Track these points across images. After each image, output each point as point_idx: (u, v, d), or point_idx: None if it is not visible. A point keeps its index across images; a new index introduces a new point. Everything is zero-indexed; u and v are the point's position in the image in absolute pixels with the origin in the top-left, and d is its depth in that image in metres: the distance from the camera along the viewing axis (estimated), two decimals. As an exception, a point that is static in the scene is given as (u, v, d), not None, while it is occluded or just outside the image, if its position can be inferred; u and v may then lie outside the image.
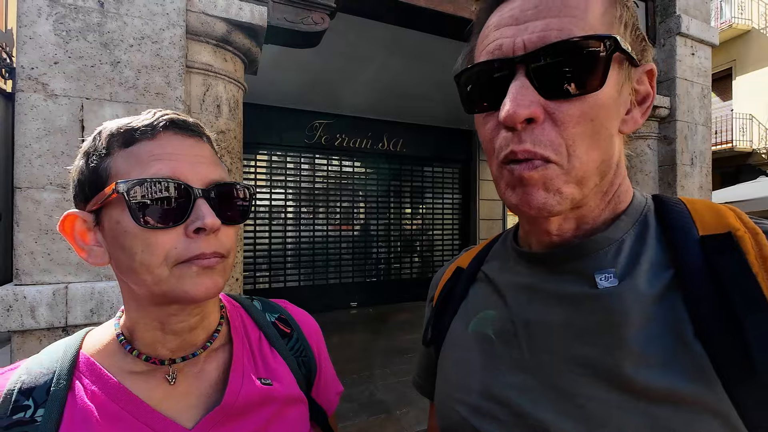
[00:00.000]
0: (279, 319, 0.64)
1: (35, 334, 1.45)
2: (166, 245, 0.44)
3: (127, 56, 1.56)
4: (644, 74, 0.42)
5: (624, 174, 0.46)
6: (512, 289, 0.49)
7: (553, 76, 0.37)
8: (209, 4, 1.72)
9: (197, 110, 1.75)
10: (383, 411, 2.95)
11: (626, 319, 0.38)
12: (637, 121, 0.42)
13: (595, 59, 0.36)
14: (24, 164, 1.43)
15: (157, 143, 0.46)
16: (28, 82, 1.43)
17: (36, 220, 1.44)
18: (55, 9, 1.47)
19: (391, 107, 6.04)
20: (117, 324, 0.52)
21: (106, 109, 1.53)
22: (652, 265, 0.40)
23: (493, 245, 0.59)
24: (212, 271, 0.47)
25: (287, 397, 0.56)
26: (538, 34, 0.38)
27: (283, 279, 6.20)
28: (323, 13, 2.03)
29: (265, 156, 6.12)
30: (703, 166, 3.24)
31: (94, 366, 0.48)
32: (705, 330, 0.35)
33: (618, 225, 0.43)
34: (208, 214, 0.45)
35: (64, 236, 0.47)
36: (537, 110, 0.37)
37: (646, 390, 0.36)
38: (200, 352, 0.52)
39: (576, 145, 0.38)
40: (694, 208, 0.42)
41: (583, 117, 0.38)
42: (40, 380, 0.46)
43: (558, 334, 0.42)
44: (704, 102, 3.27)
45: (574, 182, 0.39)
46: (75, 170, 0.48)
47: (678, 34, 3.08)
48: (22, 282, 1.43)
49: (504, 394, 0.44)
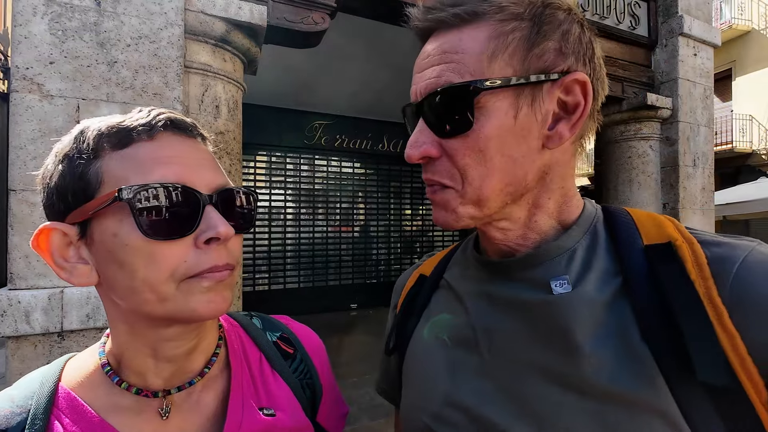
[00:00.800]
0: (281, 338, 0.59)
1: (30, 340, 1.42)
2: (173, 258, 0.39)
3: (124, 56, 1.54)
4: (573, 84, 0.42)
5: (565, 186, 0.47)
6: (472, 296, 0.51)
7: (436, 119, 0.43)
8: (208, 4, 1.70)
9: (196, 111, 1.72)
10: (383, 415, 2.92)
11: (579, 324, 0.40)
12: (562, 135, 0.43)
13: (459, 103, 0.41)
14: (19, 166, 1.40)
15: (157, 145, 0.41)
16: (23, 83, 1.40)
17: (31, 223, 1.41)
18: (51, 8, 1.44)
19: (391, 108, 6.02)
20: (102, 352, 0.46)
21: (103, 109, 1.51)
22: (602, 273, 0.42)
23: (455, 253, 0.60)
24: (222, 285, 0.42)
25: (292, 427, 0.51)
26: (426, 83, 0.43)
27: (282, 280, 6.17)
28: (323, 12, 2.01)
29: (265, 157, 6.09)
30: (705, 167, 3.22)
31: (75, 401, 0.42)
32: (650, 333, 0.37)
33: (569, 234, 0.46)
34: (221, 223, 0.40)
35: (39, 254, 0.40)
36: (429, 149, 0.43)
37: (596, 391, 0.38)
38: (197, 379, 0.47)
39: (468, 173, 0.42)
40: (638, 219, 0.45)
41: (471, 149, 0.41)
42: (12, 421, 0.39)
43: (515, 340, 0.44)
44: (707, 103, 3.25)
45: (471, 203, 0.43)
46: (48, 175, 0.41)
47: (680, 34, 3.06)
48: (17, 286, 1.40)
49: (464, 400, 0.45)
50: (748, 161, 10.43)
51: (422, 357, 0.53)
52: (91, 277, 0.41)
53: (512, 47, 0.41)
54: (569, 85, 0.42)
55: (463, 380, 0.47)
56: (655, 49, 3.21)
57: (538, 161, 0.43)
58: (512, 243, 0.47)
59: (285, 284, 6.17)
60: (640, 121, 3.13)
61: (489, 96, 0.40)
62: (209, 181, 0.43)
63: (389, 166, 6.95)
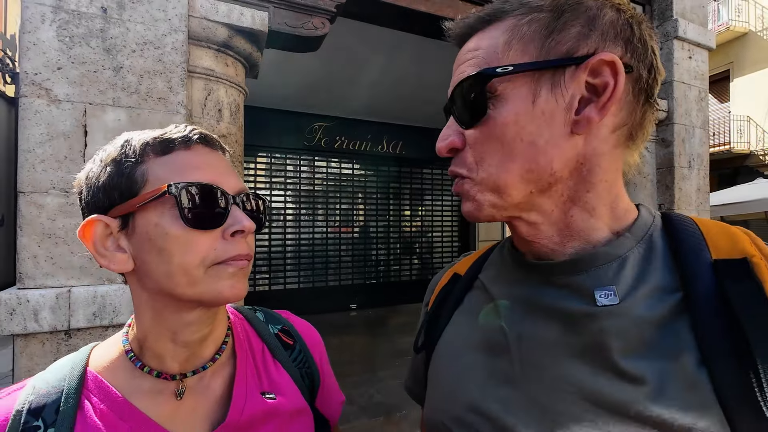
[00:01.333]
0: (282, 331, 0.65)
1: (38, 338, 1.45)
2: (205, 246, 0.45)
3: (129, 61, 1.58)
4: (601, 65, 0.39)
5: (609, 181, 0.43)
6: (507, 300, 0.48)
7: (458, 112, 0.44)
8: (211, 10, 1.74)
9: (199, 115, 1.76)
10: (383, 413, 2.95)
11: (623, 341, 0.37)
12: (591, 119, 0.40)
13: (475, 93, 0.42)
14: (27, 169, 1.44)
15: (192, 153, 0.48)
16: (31, 88, 1.44)
17: (39, 224, 1.45)
18: (59, 15, 1.48)
19: (391, 110, 6.06)
20: (125, 340, 0.52)
21: (109, 114, 1.55)
22: (657, 288, 0.38)
23: (491, 253, 0.58)
24: (243, 273, 0.49)
25: (291, 410, 0.56)
26: (454, 79, 0.45)
27: (282, 281, 6.20)
28: (324, 17, 2.05)
29: (265, 158, 6.13)
30: (700, 169, 3.26)
31: (102, 383, 0.47)
32: (713, 359, 0.33)
33: (621, 242, 0.42)
34: (245, 219, 0.48)
35: (83, 242, 0.47)
36: (454, 141, 0.45)
37: (637, 416, 0.34)
38: (209, 365, 0.52)
39: (484, 160, 0.42)
40: (707, 229, 0.41)
41: (488, 137, 0.42)
42: (49, 399, 0.45)
43: (549, 350, 0.42)
44: (701, 105, 3.30)
45: (489, 190, 0.43)
46: (94, 176, 0.47)
47: (675, 37, 3.10)
48: (26, 285, 1.44)
49: (489, 407, 0.43)
50: (745, 162, 10.47)
51: (450, 358, 0.51)
52: (127, 265, 0.47)
53: (528, 35, 0.40)
54: (596, 67, 0.39)
55: (491, 387, 0.45)
56: (650, 52, 3.25)
57: (568, 149, 0.41)
58: (545, 242, 0.45)
59: (285, 284, 6.21)
60: (636, 123, 3.17)
61: (504, 83, 0.41)
62: (234, 184, 0.50)
63: (388, 168, 6.99)
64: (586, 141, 0.41)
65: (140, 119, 1.58)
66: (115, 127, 1.55)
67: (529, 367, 0.42)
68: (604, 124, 0.41)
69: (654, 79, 0.42)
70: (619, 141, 0.43)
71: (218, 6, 1.75)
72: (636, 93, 0.41)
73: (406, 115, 6.35)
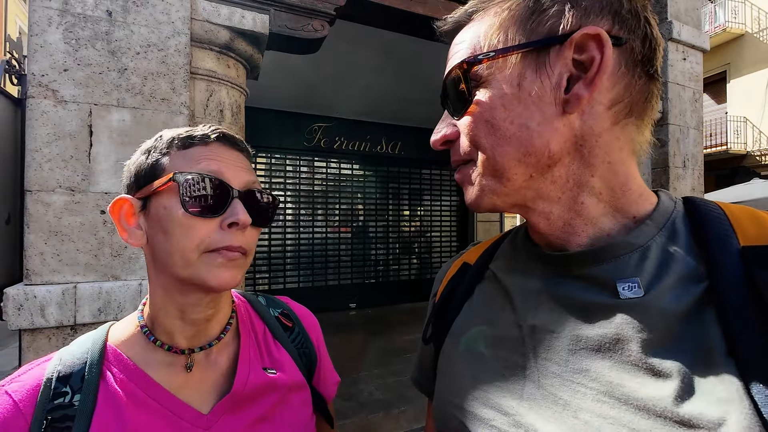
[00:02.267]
0: (282, 314, 0.70)
1: (45, 333, 1.49)
2: (202, 233, 0.50)
3: (133, 63, 1.62)
4: (586, 39, 0.38)
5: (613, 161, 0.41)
6: (520, 291, 0.47)
7: (449, 104, 0.45)
8: (213, 13, 1.78)
9: (201, 115, 1.80)
10: (381, 409, 2.99)
11: (650, 336, 0.35)
12: (580, 96, 0.38)
13: (460, 82, 0.43)
14: (34, 168, 1.48)
15: (208, 149, 0.53)
16: (38, 89, 1.48)
17: (46, 222, 1.48)
18: (65, 18, 1.52)
19: (390, 110, 6.10)
20: (141, 316, 0.57)
21: (114, 114, 1.59)
22: (682, 277, 0.37)
23: (502, 242, 0.56)
24: (233, 264, 0.52)
25: (290, 384, 0.61)
26: (445, 72, 0.45)
27: (282, 281, 6.24)
28: (323, 20, 2.09)
29: (265, 159, 6.17)
30: (695, 169, 3.31)
31: (120, 356, 0.53)
32: (740, 350, 0.32)
33: (642, 230, 0.40)
34: (242, 212, 0.51)
35: (111, 217, 0.53)
36: (446, 133, 0.46)
37: (663, 413, 0.32)
38: (215, 342, 0.57)
39: (480, 144, 0.42)
40: (733, 214, 0.38)
41: (478, 122, 0.42)
42: (75, 369, 0.50)
43: (567, 344, 0.40)
44: (696, 106, 3.34)
45: (490, 175, 0.43)
46: (133, 163, 0.54)
47: (670, 39, 3.15)
48: (33, 282, 1.47)
49: (504, 402, 0.42)
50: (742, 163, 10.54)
51: (461, 350, 0.50)
52: (142, 240, 0.53)
53: (509, 20, 0.41)
54: (581, 42, 0.38)
55: (505, 381, 0.43)
56: (645, 54, 3.29)
57: (563, 129, 0.40)
58: (559, 232, 0.43)
59: (285, 284, 6.24)
60: (631, 123, 3.21)
61: (489, 69, 0.41)
62: (242, 179, 0.54)
63: (387, 168, 7.03)
64: (582, 120, 0.40)
65: (144, 120, 1.62)
66: (119, 128, 1.59)
67: (546, 362, 0.41)
68: (598, 101, 0.39)
69: (651, 49, 0.40)
70: (617, 118, 0.40)
71: (220, 9, 1.79)
72: (630, 66, 0.39)
73: (404, 116, 6.40)
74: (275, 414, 0.58)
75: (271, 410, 0.58)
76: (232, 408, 0.55)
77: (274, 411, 0.58)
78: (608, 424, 0.35)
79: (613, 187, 0.41)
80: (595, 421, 0.35)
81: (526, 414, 0.40)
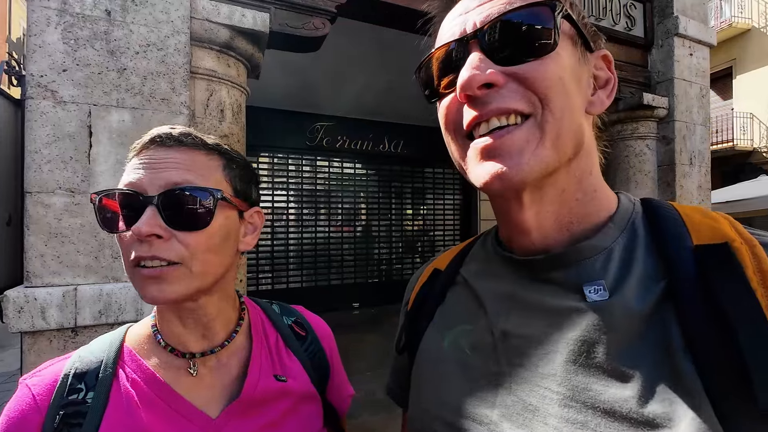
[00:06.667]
0: (295, 323, 0.68)
1: (45, 335, 1.48)
2: (124, 248, 0.49)
3: (133, 63, 1.60)
4: (601, 60, 0.43)
5: (599, 171, 0.44)
6: (491, 296, 0.46)
7: (509, 44, 0.38)
8: (213, 11, 1.76)
9: (201, 115, 1.79)
10: (384, 410, 2.98)
11: (615, 338, 0.35)
12: (603, 101, 0.42)
13: (544, 21, 0.37)
14: (34, 169, 1.47)
15: (138, 158, 0.51)
16: (37, 90, 1.47)
17: (46, 223, 1.47)
18: (64, 18, 1.51)
19: (392, 109, 6.07)
20: (153, 315, 0.58)
21: (113, 114, 1.57)
22: (643, 277, 0.37)
23: (473, 246, 0.55)
24: (160, 278, 0.47)
25: (301, 393, 0.60)
26: (488, 12, 0.39)
27: (285, 280, 6.24)
28: (324, 18, 2.07)
29: (267, 158, 6.16)
30: (702, 166, 3.26)
31: (134, 356, 0.54)
32: (697, 348, 0.32)
33: (605, 232, 0.40)
34: (142, 221, 0.46)
35: None
36: (495, 75, 0.37)
37: (629, 415, 0.33)
38: (218, 349, 0.57)
39: (550, 98, 0.37)
40: (687, 214, 0.39)
41: (550, 73, 0.37)
42: (91, 367, 0.52)
43: (537, 348, 0.40)
44: (703, 102, 3.29)
45: (551, 142, 0.37)
46: None
47: (676, 35, 3.10)
48: (33, 284, 1.46)
49: (478, 410, 0.41)
50: (749, 159, 10.43)
51: (435, 360, 0.49)
52: None
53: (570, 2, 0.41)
54: (603, 59, 0.43)
55: (479, 388, 0.42)
56: (651, 50, 3.25)
57: (585, 125, 0.41)
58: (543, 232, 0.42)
59: (288, 284, 6.24)
60: (637, 120, 3.17)
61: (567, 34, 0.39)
62: (161, 182, 0.49)
63: (390, 167, 7.00)
64: (588, 124, 0.42)
65: (144, 120, 1.61)
66: (119, 128, 1.57)
67: (518, 368, 0.40)
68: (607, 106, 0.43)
69: None
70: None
71: (220, 7, 1.77)
72: None
73: (407, 115, 6.37)
74: (284, 422, 0.57)
75: (280, 418, 0.57)
76: (240, 413, 0.55)
77: (283, 419, 0.57)
78: (576, 429, 0.34)
79: (601, 187, 0.43)
80: (564, 427, 0.35)
81: (499, 422, 0.39)
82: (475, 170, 0.40)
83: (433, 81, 0.44)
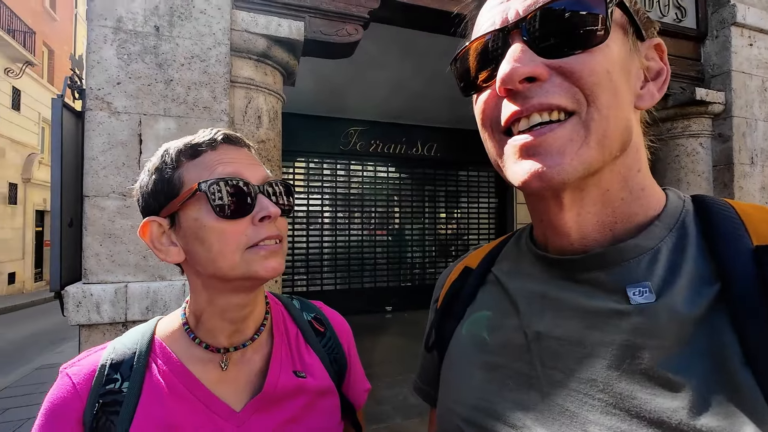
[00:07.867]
0: (314, 319, 0.70)
1: (99, 328, 1.60)
2: (237, 233, 0.52)
3: (178, 74, 1.70)
4: (653, 50, 0.40)
5: (647, 168, 0.41)
6: (525, 296, 0.44)
7: (554, 35, 0.35)
8: (251, 23, 1.84)
9: (240, 122, 1.87)
10: (416, 414, 2.95)
11: (662, 342, 0.33)
12: (654, 95, 0.39)
13: (596, 9, 0.35)
14: (91, 175, 1.60)
15: (218, 152, 0.55)
16: (95, 102, 1.60)
17: (101, 225, 1.60)
18: (119, 35, 1.63)
19: (424, 112, 6.05)
20: (183, 314, 0.60)
21: (161, 123, 1.68)
22: (694, 279, 0.34)
23: (506, 244, 0.53)
24: (276, 253, 0.54)
25: (320, 389, 0.62)
26: (531, 0, 0.37)
27: (320, 282, 6.36)
28: (357, 24, 2.10)
29: (303, 163, 6.33)
30: (765, 165, 2.98)
31: (165, 349, 0.56)
32: (758, 357, 0.29)
33: (651, 231, 0.38)
34: (270, 205, 0.54)
35: (144, 241, 0.55)
36: (539, 68, 0.35)
37: (677, 426, 0.30)
38: (248, 343, 0.59)
39: (597, 95, 0.35)
40: (746, 213, 0.36)
41: (598, 67, 0.35)
42: (125, 357, 0.55)
43: (574, 352, 0.38)
44: (765, 95, 3.02)
45: (596, 141, 0.35)
46: (144, 185, 0.56)
47: (733, 24, 2.87)
48: (89, 281, 1.59)
49: (507, 411, 0.40)
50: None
51: (464, 358, 0.47)
52: (180, 256, 0.55)
53: None
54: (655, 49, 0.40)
55: (508, 389, 0.41)
56: (704, 41, 3.03)
57: (633, 120, 0.39)
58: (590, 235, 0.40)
59: (322, 286, 6.36)
60: (689, 117, 2.96)
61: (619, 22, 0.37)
62: (258, 175, 0.55)
63: (423, 170, 6.97)
64: (637, 119, 0.40)
65: (188, 127, 1.70)
66: (165, 135, 1.68)
67: (552, 370, 0.39)
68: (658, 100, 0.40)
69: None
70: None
71: (258, 18, 1.85)
72: None
73: (440, 117, 6.32)
74: (304, 417, 0.59)
75: (300, 413, 0.59)
76: (263, 407, 0.57)
77: (303, 414, 0.59)
78: None
79: (642, 187, 0.40)
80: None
81: (532, 426, 0.38)
82: (513, 168, 0.38)
83: (469, 73, 0.42)
